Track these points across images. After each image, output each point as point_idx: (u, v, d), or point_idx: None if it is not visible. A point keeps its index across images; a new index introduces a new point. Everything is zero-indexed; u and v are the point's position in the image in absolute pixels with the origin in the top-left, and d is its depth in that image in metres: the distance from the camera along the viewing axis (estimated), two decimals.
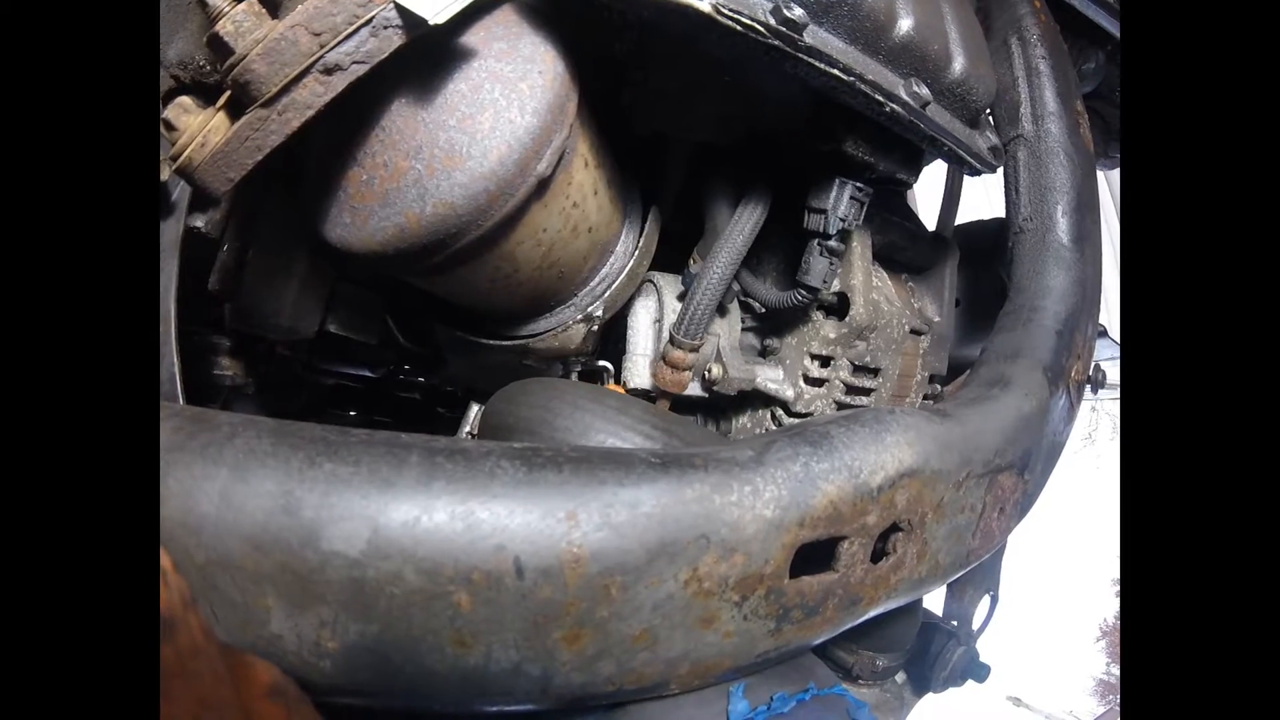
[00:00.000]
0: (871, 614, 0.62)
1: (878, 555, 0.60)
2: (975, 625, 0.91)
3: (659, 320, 0.80)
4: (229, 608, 0.45)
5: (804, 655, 0.66)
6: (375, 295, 0.83)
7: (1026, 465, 0.73)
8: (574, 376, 0.84)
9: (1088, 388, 0.83)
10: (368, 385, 1.01)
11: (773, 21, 0.56)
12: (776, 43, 0.57)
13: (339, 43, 0.52)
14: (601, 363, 0.83)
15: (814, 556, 0.55)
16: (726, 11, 0.54)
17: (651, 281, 0.82)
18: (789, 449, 0.54)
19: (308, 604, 0.44)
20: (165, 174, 0.63)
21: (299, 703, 0.38)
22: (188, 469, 0.45)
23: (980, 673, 0.85)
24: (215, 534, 0.44)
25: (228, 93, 0.57)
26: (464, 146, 0.55)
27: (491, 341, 0.75)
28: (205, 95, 0.75)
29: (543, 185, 0.61)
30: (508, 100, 0.56)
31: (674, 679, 0.52)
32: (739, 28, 0.55)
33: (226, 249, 0.70)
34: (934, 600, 0.88)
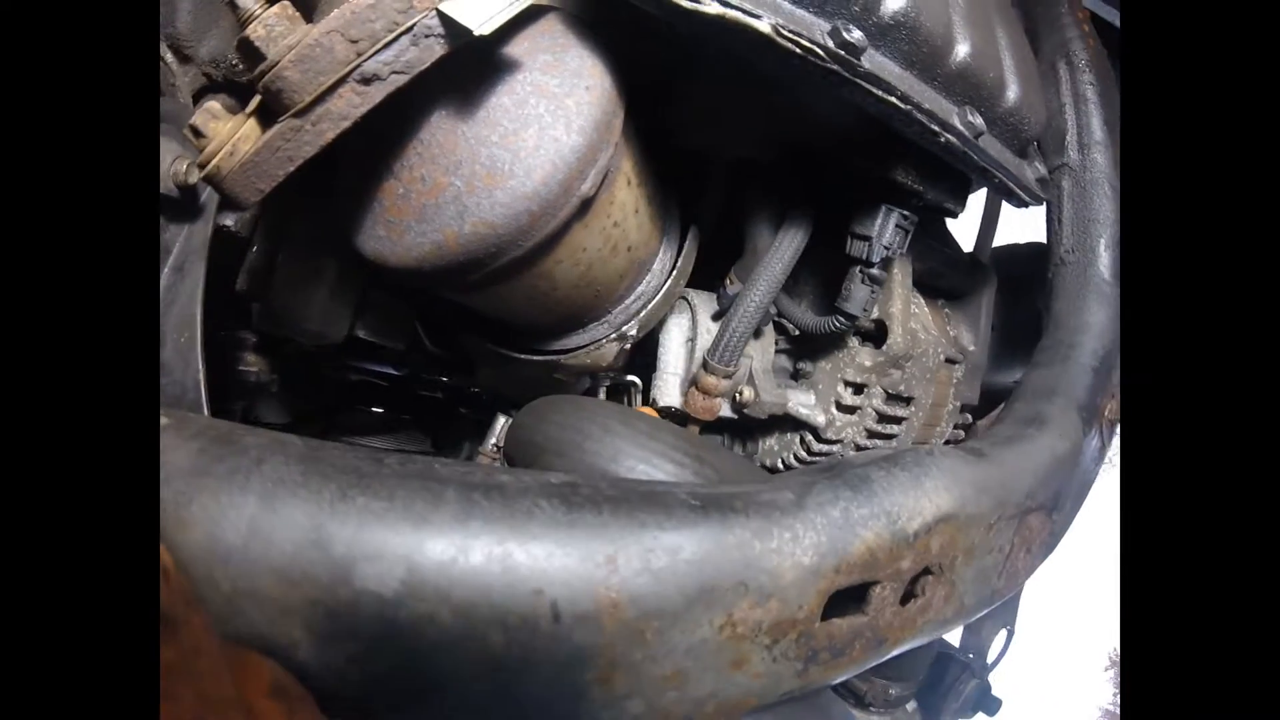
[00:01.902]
0: (895, 653, 0.61)
1: (906, 597, 0.59)
2: (990, 658, 0.90)
3: (692, 340, 0.78)
4: (255, 636, 0.43)
5: (822, 692, 0.64)
6: (405, 303, 0.81)
7: (1056, 505, 0.71)
8: (602, 391, 0.82)
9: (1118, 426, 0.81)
10: (391, 382, 1.00)
11: (831, 44, 0.53)
12: (835, 67, 0.54)
13: (377, 51, 0.49)
14: (630, 378, 0.81)
15: (843, 598, 0.54)
16: (786, 33, 0.51)
17: (686, 299, 0.79)
18: (829, 493, 0.52)
19: (337, 639, 0.43)
20: (194, 178, 0.61)
21: (300, 701, 0.37)
22: (214, 496, 0.42)
23: (991, 706, 0.84)
24: (243, 565, 0.42)
25: (257, 97, 0.55)
26: (506, 164, 0.53)
27: (523, 356, 0.73)
28: (238, 94, 0.73)
29: (585, 205, 0.58)
30: (553, 117, 0.54)
31: (699, 717, 0.51)
32: (798, 50, 0.52)
33: (256, 250, 0.68)
34: (951, 632, 0.87)
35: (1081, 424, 0.72)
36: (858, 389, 0.76)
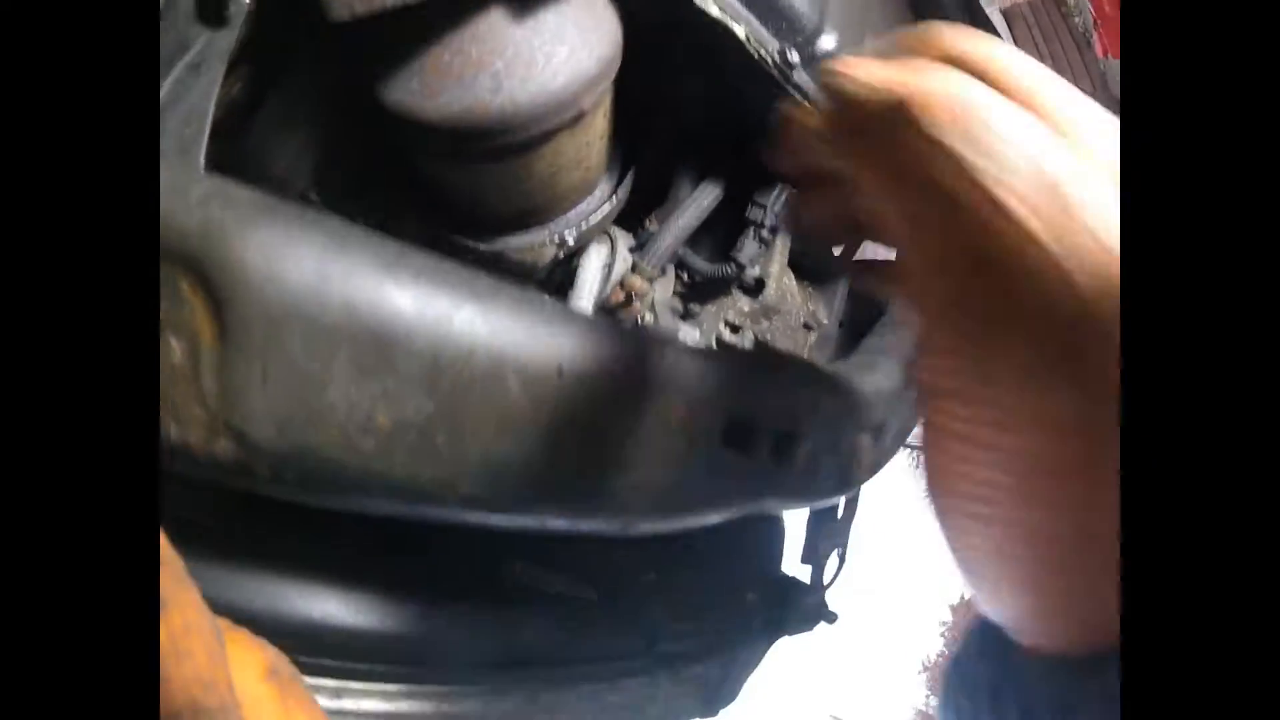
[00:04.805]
0: None
1: None
2: (825, 580, 1.29)
3: (609, 265, 1.11)
4: (287, 369, 0.56)
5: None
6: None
7: (880, 434, 1.14)
8: None
9: None
10: None
11: (776, 58, 0.95)
12: (775, 74, 0.95)
13: None
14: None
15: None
16: (752, 41, 0.92)
17: (608, 232, 1.13)
18: None
19: (376, 371, 0.58)
20: None
21: (292, 682, 0.43)
22: (280, 233, 0.55)
23: (830, 617, 1.23)
24: (311, 298, 0.55)
25: None
26: (541, 64, 0.82)
27: (471, 244, 1.00)
28: None
29: (578, 118, 0.90)
30: (581, 42, 0.84)
31: None
32: (755, 56, 0.93)
33: (239, 87, 0.87)
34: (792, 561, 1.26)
35: (902, 375, 1.18)
36: (734, 329, 1.15)
